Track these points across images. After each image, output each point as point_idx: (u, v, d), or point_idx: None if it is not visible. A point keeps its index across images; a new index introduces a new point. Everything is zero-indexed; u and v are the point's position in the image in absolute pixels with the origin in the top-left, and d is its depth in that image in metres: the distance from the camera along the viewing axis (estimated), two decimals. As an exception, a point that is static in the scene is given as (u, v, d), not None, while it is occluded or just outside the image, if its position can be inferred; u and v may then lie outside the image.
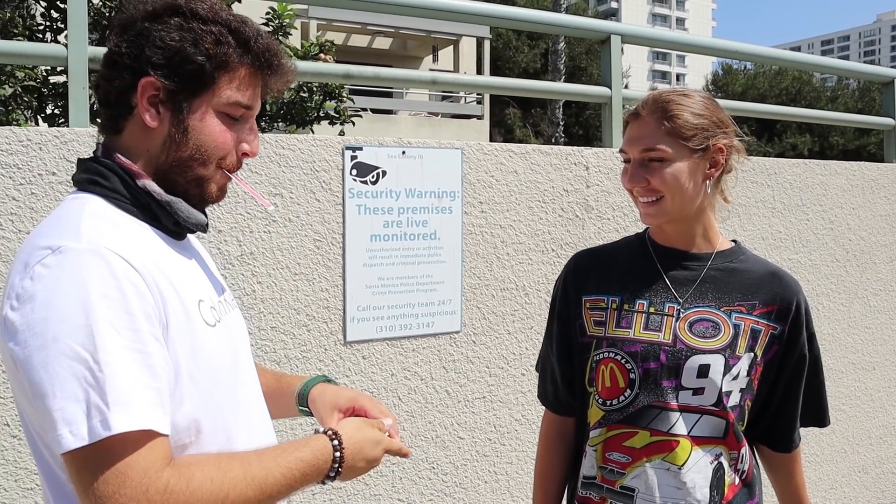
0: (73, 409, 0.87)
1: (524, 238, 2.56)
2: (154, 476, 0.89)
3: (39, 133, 1.90)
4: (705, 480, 1.43)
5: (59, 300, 0.90)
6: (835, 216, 3.33)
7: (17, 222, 1.89)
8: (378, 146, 2.29)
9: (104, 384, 0.87)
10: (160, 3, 1.06)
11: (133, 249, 0.98)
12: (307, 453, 1.05)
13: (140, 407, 0.90)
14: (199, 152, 1.07)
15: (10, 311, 0.92)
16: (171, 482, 0.90)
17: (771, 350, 1.48)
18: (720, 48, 3.50)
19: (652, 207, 1.46)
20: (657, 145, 1.43)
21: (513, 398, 2.56)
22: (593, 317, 1.56)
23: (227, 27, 1.07)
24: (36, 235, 0.99)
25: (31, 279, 0.92)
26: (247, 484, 0.96)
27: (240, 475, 0.96)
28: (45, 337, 0.89)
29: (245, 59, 1.08)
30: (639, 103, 1.49)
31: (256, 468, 0.98)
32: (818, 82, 31.31)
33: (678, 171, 1.42)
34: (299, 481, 1.03)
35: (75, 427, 0.86)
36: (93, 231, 0.97)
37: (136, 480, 0.87)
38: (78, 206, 1.02)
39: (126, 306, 0.92)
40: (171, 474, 0.90)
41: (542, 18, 3.00)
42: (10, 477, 1.90)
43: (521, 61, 26.85)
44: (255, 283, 2.14)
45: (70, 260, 0.93)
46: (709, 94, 1.54)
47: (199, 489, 0.92)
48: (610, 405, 1.50)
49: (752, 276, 1.51)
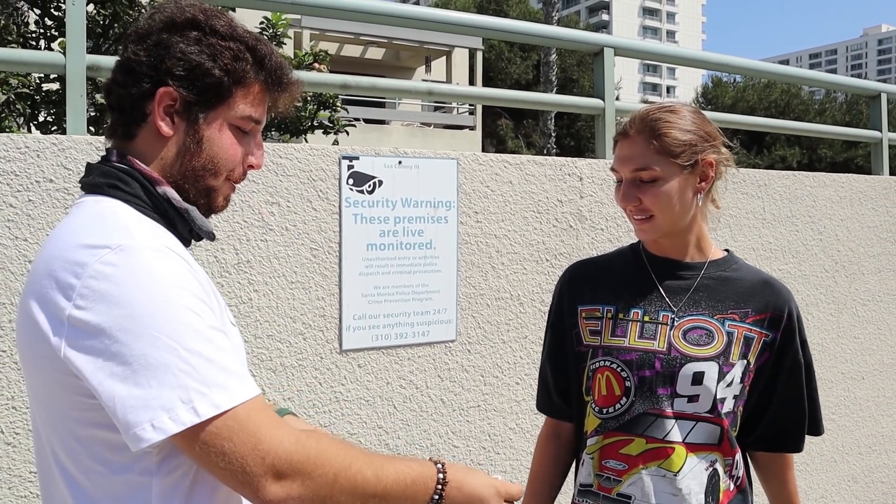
0: (170, 396, 0.90)
1: (519, 248, 2.58)
2: (283, 430, 0.96)
3: (37, 140, 1.91)
4: (700, 487, 1.45)
5: (137, 295, 0.92)
6: (824, 227, 3.37)
7: (14, 229, 1.89)
8: (374, 156, 2.30)
9: (201, 369, 0.93)
10: (180, 16, 1.08)
11: (180, 248, 1.02)
12: (416, 465, 1.09)
13: (241, 377, 0.97)
14: (212, 163, 1.10)
15: (76, 311, 0.93)
16: (300, 437, 0.97)
17: (762, 357, 1.50)
18: (711, 61, 3.55)
19: (645, 224, 1.50)
20: (647, 165, 1.45)
21: (507, 407, 2.57)
22: (589, 326, 1.58)
23: (244, 44, 1.10)
24: (72, 235, 0.99)
25: (96, 278, 0.93)
26: (367, 464, 1.02)
27: (361, 456, 1.03)
28: (131, 333, 0.91)
29: (259, 76, 1.11)
30: (626, 122, 1.52)
31: (374, 458, 1.05)
32: (806, 95, 31.61)
33: (669, 189, 1.45)
34: (407, 488, 1.06)
35: (174, 413, 0.90)
36: (143, 231, 1.00)
37: (268, 435, 0.94)
38: (108, 208, 1.03)
39: (197, 293, 0.98)
40: (302, 433, 0.98)
41: (536, 31, 3.03)
42: (3, 484, 1.89)
43: (514, 73, 27.01)
44: (252, 292, 2.15)
45: (136, 256, 0.95)
46: (695, 107, 1.56)
47: (328, 450, 0.99)
48: (606, 413, 1.51)
49: (745, 285, 1.53)
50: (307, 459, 0.96)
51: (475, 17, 2.88)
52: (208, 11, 1.10)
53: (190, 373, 0.92)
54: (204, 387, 0.92)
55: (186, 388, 0.91)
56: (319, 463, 0.97)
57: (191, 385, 0.91)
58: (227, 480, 0.94)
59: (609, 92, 2.92)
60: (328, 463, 0.98)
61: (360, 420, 2.32)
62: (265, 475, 0.93)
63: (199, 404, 0.91)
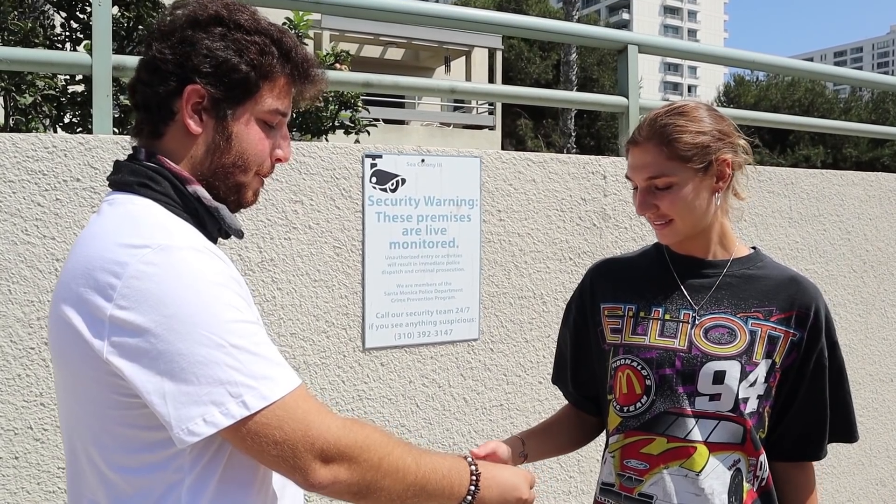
0: (220, 391, 0.93)
1: (542, 246, 2.57)
2: (330, 416, 0.99)
3: (64, 140, 1.93)
4: (723, 487, 1.43)
5: (179, 294, 0.93)
6: (852, 227, 3.32)
7: (43, 228, 1.91)
8: (397, 154, 2.30)
9: (248, 364, 0.95)
10: (203, 12, 1.07)
11: (216, 249, 1.03)
12: (449, 458, 1.13)
13: (285, 368, 0.99)
14: (241, 159, 1.10)
15: (119, 310, 0.93)
16: (346, 423, 1.00)
17: (790, 357, 1.47)
18: (736, 58, 3.51)
19: (665, 229, 1.48)
20: (660, 173, 1.43)
21: (530, 406, 2.56)
22: (611, 324, 1.57)
23: (270, 38, 1.09)
24: (108, 234, 0.99)
25: (138, 278, 0.93)
26: (407, 452, 1.05)
27: (401, 444, 1.06)
28: (176, 332, 0.92)
29: (286, 69, 1.11)
30: (635, 129, 1.50)
31: (413, 447, 1.08)
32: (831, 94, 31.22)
33: (685, 194, 1.43)
34: (444, 478, 1.09)
35: (224, 407, 0.92)
36: (181, 231, 1.01)
37: (317, 421, 0.97)
38: (143, 208, 1.03)
39: (238, 290, 1.00)
40: (347, 420, 1.01)
41: (560, 28, 3.02)
42: (32, 480, 1.92)
43: (533, 72, 26.94)
44: (275, 290, 2.16)
45: (176, 255, 0.95)
46: (707, 104, 1.52)
47: (372, 435, 1.02)
48: (627, 411, 1.50)
49: (770, 283, 1.50)
50: (354, 444, 0.98)
51: (499, 16, 2.87)
52: (231, 6, 1.09)
53: (238, 367, 0.93)
54: (252, 380, 0.94)
55: (235, 383, 0.93)
56: (365, 447, 0.99)
57: (239, 379, 0.93)
58: (279, 467, 0.97)
59: (633, 89, 2.89)
60: (373, 448, 1.00)
61: (382, 418, 2.32)
62: (315, 460, 0.96)
63: (249, 397, 0.93)
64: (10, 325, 1.89)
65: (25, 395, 1.91)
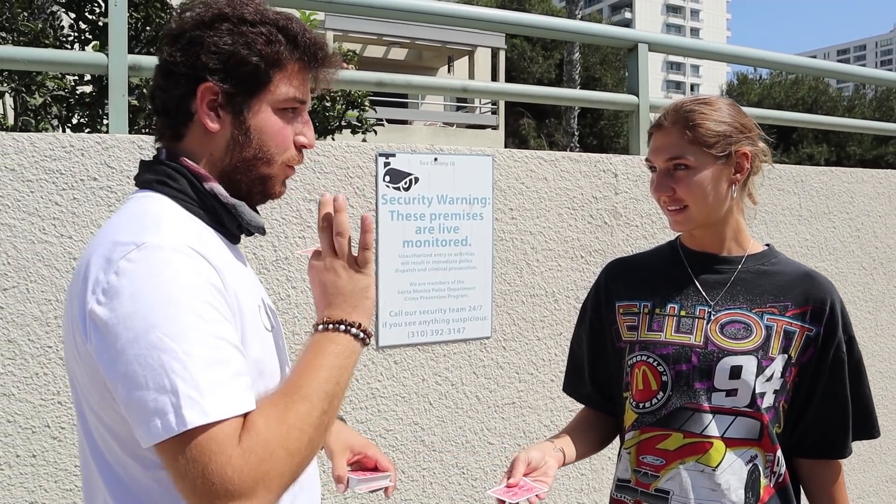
0: (165, 400, 0.88)
1: (554, 245, 2.58)
2: (234, 446, 0.90)
3: (81, 139, 1.94)
4: (740, 482, 1.43)
5: (148, 294, 0.92)
6: (861, 224, 3.32)
7: (60, 227, 1.92)
8: (410, 153, 2.31)
9: (196, 375, 0.89)
10: (208, 12, 1.08)
11: (210, 250, 1.01)
12: (322, 350, 1.05)
13: (231, 393, 0.91)
14: (262, 151, 1.10)
15: (96, 305, 0.93)
16: (244, 442, 0.91)
17: (807, 353, 1.47)
18: (744, 56, 3.51)
19: (679, 215, 1.49)
20: (681, 155, 1.45)
21: (542, 404, 2.57)
22: (626, 322, 1.57)
23: (275, 26, 1.09)
24: (111, 231, 1.01)
25: (117, 274, 0.93)
26: (298, 400, 0.97)
27: (286, 397, 0.97)
28: (136, 330, 0.90)
29: (295, 55, 1.10)
30: (661, 114, 1.52)
31: (302, 383, 0.99)
32: (834, 91, 31.17)
33: (703, 179, 1.45)
34: (337, 368, 1.03)
35: (165, 418, 0.88)
36: (174, 229, 0.99)
37: (217, 453, 0.88)
38: (153, 204, 1.04)
39: (210, 300, 0.95)
40: (244, 436, 0.91)
41: (570, 27, 3.03)
42: (50, 478, 1.93)
43: (536, 71, 26.92)
44: (290, 288, 2.17)
45: (155, 255, 0.94)
46: (731, 99, 1.55)
47: (271, 433, 0.93)
48: (643, 408, 1.51)
49: (785, 278, 1.51)
50: (258, 465, 0.91)
51: (509, 14, 2.88)
52: (235, 2, 1.10)
53: (184, 377, 0.89)
54: (197, 394, 0.89)
55: (177, 394, 0.88)
56: (269, 457, 0.92)
57: (183, 391, 0.89)
58: (188, 496, 0.90)
59: (643, 87, 2.90)
60: (276, 447, 0.93)
61: (395, 416, 2.33)
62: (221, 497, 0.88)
63: (188, 411, 0.88)
64: (28, 323, 1.90)
65: (43, 394, 1.92)
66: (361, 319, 1.09)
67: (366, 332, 1.09)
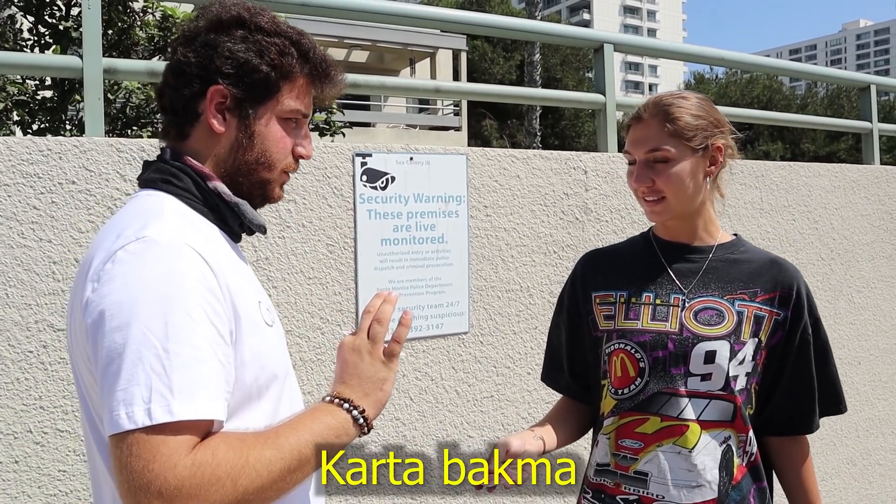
0: (135, 392, 0.88)
1: (527, 240, 2.64)
2: (185, 455, 0.90)
3: (59, 143, 1.94)
4: (715, 462, 1.49)
5: (138, 286, 0.93)
6: (819, 216, 3.45)
7: (39, 231, 1.92)
8: (387, 153, 2.35)
9: (171, 372, 0.90)
10: (225, 16, 1.11)
11: (209, 248, 1.03)
12: (315, 417, 1.05)
13: (201, 398, 0.91)
14: (264, 157, 1.13)
15: (91, 293, 0.96)
16: (197, 456, 0.90)
17: (775, 336, 1.55)
18: (705, 55, 3.61)
19: (657, 206, 1.55)
20: (661, 146, 1.51)
21: (519, 397, 2.62)
22: (603, 311, 1.63)
23: (289, 39, 1.13)
24: (115, 226, 1.03)
25: (112, 263, 0.96)
26: (265, 445, 0.97)
27: (260, 442, 0.97)
28: (120, 320, 0.92)
29: (304, 69, 1.15)
30: (639, 107, 1.58)
31: (279, 434, 1.00)
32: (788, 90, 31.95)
33: (681, 171, 1.51)
34: (319, 435, 1.02)
35: (131, 409, 0.88)
36: (174, 226, 1.01)
37: (166, 455, 0.88)
38: (156, 201, 1.07)
39: (200, 299, 0.96)
40: (199, 450, 0.91)
41: (537, 28, 3.09)
42: (33, 483, 1.92)
43: (497, 73, 27.09)
44: (271, 288, 2.18)
45: (152, 249, 0.96)
46: (704, 95, 1.62)
47: (222, 457, 0.92)
48: (621, 394, 1.56)
49: (753, 266, 1.58)
50: (201, 482, 0.89)
51: (474, 16, 2.93)
52: (252, 9, 1.13)
53: (160, 373, 0.89)
54: (168, 392, 0.89)
55: (150, 389, 0.89)
56: (214, 482, 0.90)
57: (156, 387, 0.89)
58: (121, 487, 0.89)
59: (610, 87, 2.98)
60: (225, 476, 0.91)
61: (377, 412, 2.36)
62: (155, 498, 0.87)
63: (155, 407, 0.88)
64: (8, 328, 1.89)
65: (24, 399, 1.91)
66: (368, 407, 1.10)
67: (367, 420, 1.09)
